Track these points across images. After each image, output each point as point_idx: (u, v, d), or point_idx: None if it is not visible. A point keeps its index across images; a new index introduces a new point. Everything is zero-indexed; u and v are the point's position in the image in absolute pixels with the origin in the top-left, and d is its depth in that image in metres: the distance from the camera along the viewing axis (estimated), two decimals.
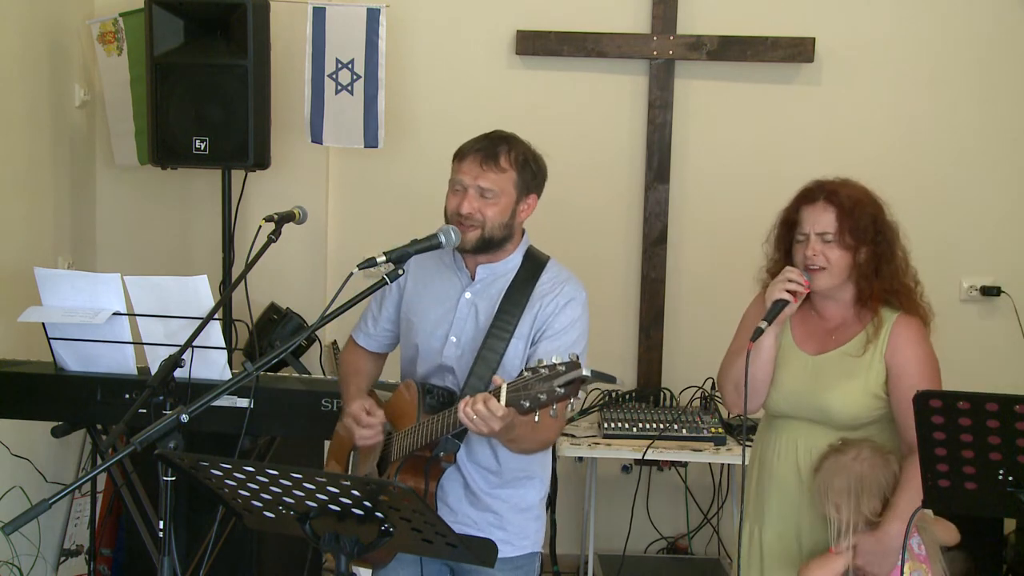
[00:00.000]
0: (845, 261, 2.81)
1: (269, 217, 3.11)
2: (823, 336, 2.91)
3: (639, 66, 4.78)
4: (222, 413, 3.32)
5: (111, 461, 2.29)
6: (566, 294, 2.76)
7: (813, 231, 2.81)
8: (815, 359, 2.88)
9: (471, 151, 2.74)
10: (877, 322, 2.83)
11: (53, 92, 4.39)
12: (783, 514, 2.91)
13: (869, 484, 2.72)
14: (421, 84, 4.80)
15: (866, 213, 2.82)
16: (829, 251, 2.80)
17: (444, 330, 2.78)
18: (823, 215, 2.81)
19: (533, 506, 2.86)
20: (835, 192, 2.82)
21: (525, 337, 2.73)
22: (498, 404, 2.33)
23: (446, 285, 2.81)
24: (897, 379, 2.80)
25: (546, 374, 2.25)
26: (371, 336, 2.97)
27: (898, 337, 2.81)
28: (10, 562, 3.92)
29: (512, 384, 2.32)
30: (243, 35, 4.12)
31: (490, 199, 2.72)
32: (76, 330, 3.45)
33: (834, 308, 2.90)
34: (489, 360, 2.70)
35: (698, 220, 4.86)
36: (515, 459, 2.77)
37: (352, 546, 2.19)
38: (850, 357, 2.84)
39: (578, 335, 2.75)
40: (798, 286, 2.77)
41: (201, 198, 4.72)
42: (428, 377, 2.80)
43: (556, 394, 2.23)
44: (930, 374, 2.81)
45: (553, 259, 2.86)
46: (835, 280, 2.83)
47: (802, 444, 2.87)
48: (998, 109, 4.79)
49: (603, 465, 4.72)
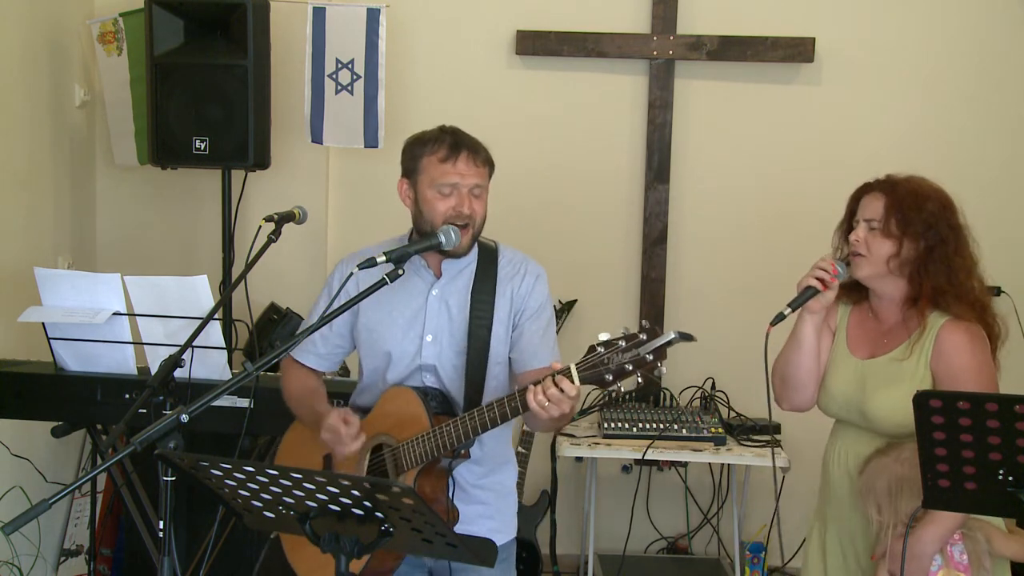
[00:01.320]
0: (885, 250, 2.72)
1: (269, 217, 3.11)
2: (876, 339, 2.84)
3: (639, 66, 4.78)
4: (222, 413, 3.33)
5: (111, 461, 2.29)
6: (532, 272, 2.81)
7: (863, 217, 2.77)
8: (864, 363, 2.82)
9: (458, 151, 2.71)
10: (924, 325, 2.73)
11: (53, 92, 4.39)
12: (839, 519, 2.88)
13: (908, 484, 2.65)
14: (421, 84, 4.80)
15: (921, 207, 2.73)
16: (872, 238, 2.74)
17: (417, 331, 2.77)
18: (874, 202, 2.76)
19: (512, 491, 2.90)
20: (895, 183, 2.78)
21: (505, 320, 2.75)
22: (571, 384, 2.36)
23: (409, 287, 2.77)
24: (943, 386, 2.69)
25: (625, 345, 2.31)
26: (321, 356, 2.91)
27: (944, 343, 2.70)
28: (10, 562, 3.92)
29: (584, 362, 2.36)
30: (243, 35, 4.12)
31: (478, 195, 2.73)
32: (76, 330, 3.45)
33: (888, 309, 2.83)
34: (479, 349, 2.72)
35: (698, 220, 4.86)
36: (496, 447, 2.79)
37: (352, 546, 2.19)
38: (896, 362, 2.76)
39: (551, 310, 2.83)
40: (826, 274, 2.72)
41: (201, 198, 4.72)
42: (404, 381, 2.77)
43: (645, 361, 2.29)
44: (978, 384, 2.66)
45: (500, 242, 2.87)
46: (873, 269, 2.75)
47: (851, 450, 2.84)
48: (997, 109, 4.79)
49: (603, 465, 4.72)
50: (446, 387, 2.76)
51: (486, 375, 2.73)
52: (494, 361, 2.75)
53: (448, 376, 2.76)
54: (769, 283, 4.78)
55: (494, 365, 2.75)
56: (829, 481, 2.91)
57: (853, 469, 2.83)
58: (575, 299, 4.76)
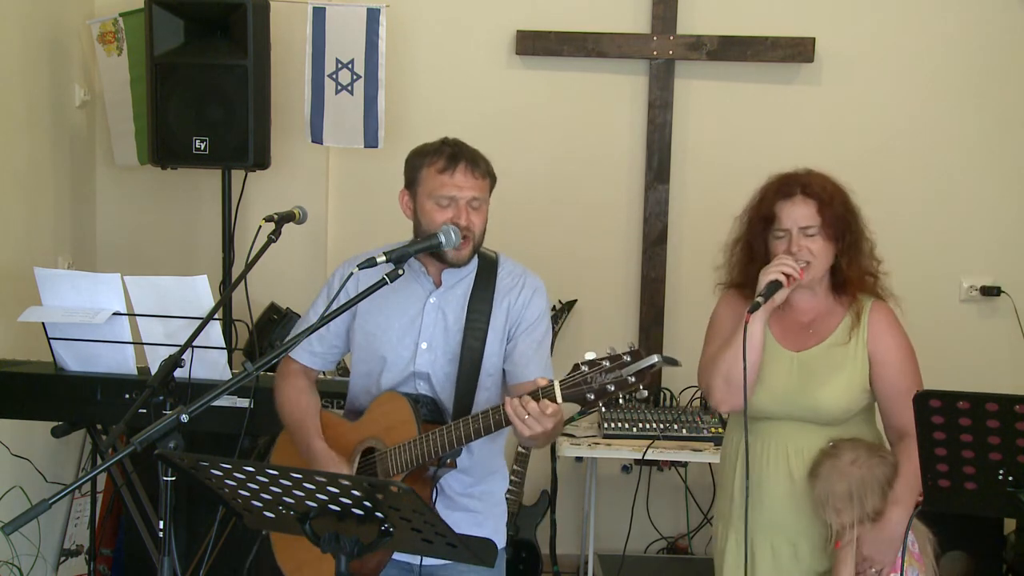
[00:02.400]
0: (829, 252, 2.79)
1: (269, 217, 3.11)
2: (800, 331, 2.87)
3: (639, 66, 4.78)
4: (222, 413, 3.33)
5: (111, 461, 2.29)
6: (530, 285, 2.80)
7: (795, 227, 2.77)
8: (799, 356, 2.84)
9: (457, 163, 2.70)
10: (857, 307, 2.82)
11: (53, 92, 4.39)
12: (777, 524, 2.86)
13: (871, 484, 2.73)
14: (421, 84, 4.80)
15: (839, 201, 2.80)
16: (812, 244, 2.77)
17: (412, 338, 2.77)
18: (803, 209, 2.77)
19: (502, 500, 2.89)
20: (809, 184, 2.80)
21: (500, 332, 2.75)
22: (547, 402, 2.37)
23: (407, 293, 2.78)
24: (880, 367, 2.80)
25: (608, 365, 2.31)
26: (317, 355, 2.90)
27: (877, 324, 2.81)
28: (10, 562, 3.92)
29: (567, 380, 2.36)
30: (243, 35, 4.12)
31: (477, 208, 2.72)
32: (76, 330, 3.45)
33: (810, 300, 2.87)
34: (472, 360, 2.72)
35: (698, 220, 4.85)
36: (485, 456, 2.79)
37: (352, 546, 2.19)
38: (836, 348, 2.82)
39: (548, 324, 2.82)
40: (793, 270, 2.72)
41: (201, 198, 4.72)
42: (397, 387, 2.77)
43: (626, 383, 2.29)
44: (911, 360, 2.83)
45: (501, 253, 2.86)
46: (821, 272, 2.81)
47: (792, 447, 2.83)
48: (998, 108, 4.79)
49: (603, 465, 4.72)
50: (438, 395, 2.76)
51: (477, 386, 2.73)
52: (486, 373, 2.74)
53: (441, 384, 2.76)
54: None
55: (486, 377, 2.74)
56: (759, 485, 2.82)
57: (796, 468, 2.82)
58: (575, 299, 4.76)
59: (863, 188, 2.95)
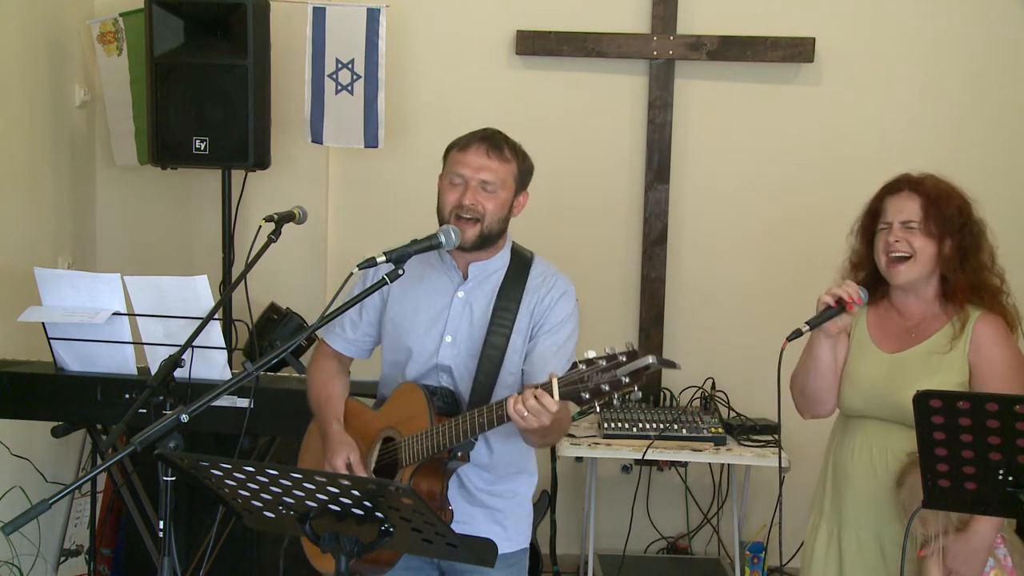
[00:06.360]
0: (930, 250, 2.77)
1: (269, 217, 3.11)
2: (902, 334, 2.86)
3: (639, 66, 4.78)
4: (222, 413, 3.32)
5: (111, 461, 2.29)
6: (559, 287, 2.78)
7: (897, 219, 2.78)
8: (893, 356, 2.83)
9: (475, 141, 2.72)
10: (963, 317, 2.78)
11: (53, 92, 4.39)
12: (861, 518, 2.86)
13: None
14: (421, 84, 4.80)
15: (952, 204, 2.79)
16: (913, 238, 2.76)
17: (439, 330, 2.77)
18: (907, 203, 2.79)
19: (526, 500, 2.88)
20: (920, 182, 2.81)
21: (524, 332, 2.74)
22: (551, 399, 2.35)
23: (437, 285, 2.79)
24: (980, 378, 2.74)
25: (605, 365, 2.29)
26: (350, 341, 2.92)
27: (982, 335, 2.76)
28: (10, 562, 3.92)
29: (565, 377, 2.34)
30: (243, 35, 4.12)
31: (490, 192, 2.70)
32: (76, 330, 3.45)
33: (915, 305, 2.86)
34: (493, 357, 2.71)
35: (698, 220, 4.86)
36: (507, 454, 2.78)
37: (352, 546, 2.19)
38: (935, 354, 2.79)
39: (572, 328, 2.78)
40: (847, 295, 2.71)
41: (201, 198, 4.72)
42: (420, 378, 2.78)
43: (621, 383, 2.27)
44: (1017, 376, 2.74)
45: (536, 254, 2.86)
46: (922, 270, 2.78)
47: (876, 445, 2.83)
48: (997, 109, 4.78)
49: (603, 465, 4.72)
50: (459, 389, 2.75)
51: (496, 383, 2.72)
52: (507, 371, 2.73)
53: (461, 378, 2.76)
54: (769, 283, 4.80)
55: (507, 375, 2.73)
56: (845, 477, 2.88)
57: (880, 464, 2.82)
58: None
59: (863, 188, 2.96)
